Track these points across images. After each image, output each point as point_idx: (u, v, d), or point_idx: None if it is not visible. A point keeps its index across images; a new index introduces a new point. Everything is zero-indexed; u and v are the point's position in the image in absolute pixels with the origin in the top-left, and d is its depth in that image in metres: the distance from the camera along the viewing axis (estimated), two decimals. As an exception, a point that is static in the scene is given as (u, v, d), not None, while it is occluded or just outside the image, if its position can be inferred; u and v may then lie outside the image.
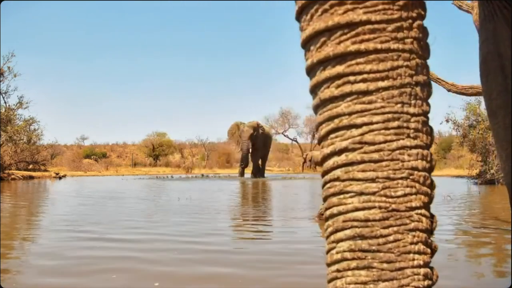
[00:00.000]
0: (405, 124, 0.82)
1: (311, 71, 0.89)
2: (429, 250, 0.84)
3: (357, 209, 0.82)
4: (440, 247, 3.83)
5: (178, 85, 67.04)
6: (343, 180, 0.84)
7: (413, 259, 0.82)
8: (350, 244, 0.82)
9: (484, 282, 2.82)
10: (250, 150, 21.21)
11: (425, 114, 0.86)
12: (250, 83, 67.61)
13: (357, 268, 0.81)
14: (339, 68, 0.83)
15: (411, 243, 0.82)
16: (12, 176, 18.92)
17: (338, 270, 0.84)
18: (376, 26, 0.81)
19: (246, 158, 21.34)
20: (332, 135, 0.86)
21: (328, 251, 0.88)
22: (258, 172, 22.36)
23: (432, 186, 0.86)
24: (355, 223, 0.81)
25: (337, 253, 0.85)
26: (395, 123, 0.82)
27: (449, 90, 6.52)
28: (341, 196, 0.84)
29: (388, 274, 0.80)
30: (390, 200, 0.81)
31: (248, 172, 22.64)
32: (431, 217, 0.86)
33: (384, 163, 0.81)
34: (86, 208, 7.34)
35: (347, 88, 0.82)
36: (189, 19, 69.71)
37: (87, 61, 64.17)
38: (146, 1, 62.04)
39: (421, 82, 0.84)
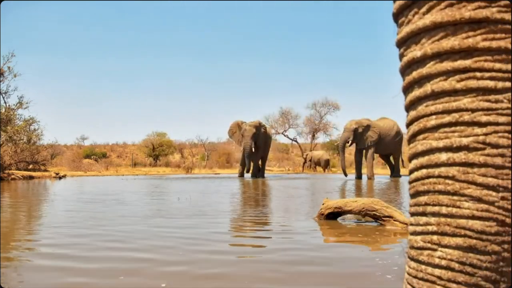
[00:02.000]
0: None
1: (419, 63, 0.83)
2: None
3: (474, 217, 0.74)
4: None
5: (178, 85, 67.05)
6: (460, 181, 0.75)
7: None
8: (461, 255, 0.74)
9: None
10: (253, 150, 21.14)
11: None
12: (250, 83, 67.59)
13: (464, 283, 0.74)
14: (465, 63, 0.77)
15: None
16: (12, 176, 18.91)
17: (439, 278, 0.76)
18: (508, 26, 0.76)
19: (248, 158, 21.23)
20: (447, 129, 0.78)
21: (423, 248, 0.80)
22: (258, 172, 22.33)
23: None
24: (470, 233, 0.73)
25: (440, 258, 0.77)
26: None
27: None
28: (455, 197, 0.76)
29: None
30: (507, 213, 0.73)
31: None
32: None
33: (505, 171, 0.73)
34: (87, 208, 7.34)
35: (473, 84, 0.77)
36: (189, 19, 69.74)
37: (87, 61, 64.20)
38: (146, 1, 62.04)
39: None
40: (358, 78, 66.76)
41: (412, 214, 0.84)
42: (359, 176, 19.71)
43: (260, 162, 22.62)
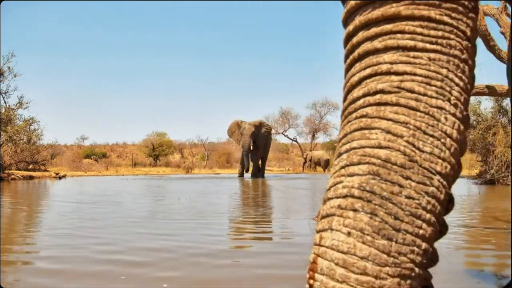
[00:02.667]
0: (447, 88, 0.77)
1: (352, 36, 0.86)
2: (438, 227, 0.77)
3: (380, 147, 0.74)
4: (440, 247, 3.83)
5: (178, 85, 67.07)
6: (372, 117, 0.77)
7: (420, 227, 0.73)
8: (362, 181, 0.73)
9: (484, 282, 2.82)
10: (251, 149, 21.11)
11: (468, 93, 0.81)
12: (250, 83, 67.63)
13: (361, 210, 0.72)
14: (387, 27, 0.80)
15: (424, 209, 0.74)
16: (12, 176, 18.91)
17: (339, 207, 0.75)
18: (432, 1, 0.79)
19: (246, 156, 21.20)
20: (368, 80, 0.81)
21: (333, 185, 0.79)
22: (258, 172, 22.30)
23: (459, 167, 0.78)
24: (374, 160, 0.73)
25: (343, 187, 0.75)
26: (438, 83, 0.77)
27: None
28: (366, 131, 0.76)
29: (390, 231, 0.71)
30: (416, 151, 0.73)
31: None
32: (450, 197, 0.78)
33: (419, 113, 0.75)
34: (88, 209, 7.34)
35: (392, 43, 0.79)
36: (189, 19, 69.77)
37: (87, 61, 64.21)
38: (146, 1, 62.08)
39: (469, 63, 0.81)
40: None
41: (334, 166, 0.85)
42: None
43: (260, 162, 22.59)
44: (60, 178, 20.85)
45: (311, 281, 0.79)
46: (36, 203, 8.57)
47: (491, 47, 5.42)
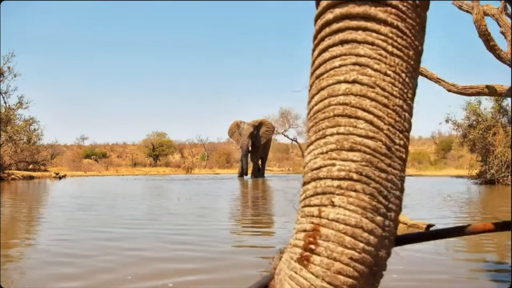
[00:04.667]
0: (405, 90, 0.88)
1: (332, 22, 0.95)
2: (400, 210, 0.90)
3: (368, 137, 0.84)
4: (440, 247, 3.82)
5: (178, 85, 67.10)
6: (355, 107, 0.86)
7: (399, 206, 0.88)
8: (358, 166, 0.83)
9: (484, 282, 2.82)
10: (250, 149, 21.11)
11: (414, 96, 0.91)
12: (250, 83, 67.63)
13: (361, 191, 0.83)
14: (366, 23, 0.90)
15: (401, 191, 0.88)
16: (12, 176, 18.92)
17: (339, 187, 0.84)
18: (401, 14, 0.89)
19: (245, 158, 21.21)
20: (349, 68, 0.89)
21: (323, 166, 0.87)
22: (258, 172, 22.30)
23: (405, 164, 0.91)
24: (365, 149, 0.84)
25: (339, 170, 0.84)
26: (400, 85, 0.88)
27: (449, 90, 6.52)
28: (352, 120, 0.85)
29: (383, 210, 0.85)
30: (392, 143, 0.86)
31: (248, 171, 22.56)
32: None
33: (389, 110, 0.86)
34: (87, 210, 7.34)
35: (371, 39, 0.89)
36: (189, 19, 69.76)
37: (87, 61, 64.17)
38: (146, 1, 62.06)
39: (417, 71, 0.92)
40: (358, 78, 66.70)
41: (312, 142, 0.92)
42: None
43: (260, 162, 22.59)
44: (60, 178, 20.85)
45: (313, 246, 0.87)
46: (38, 203, 8.57)
47: (491, 47, 5.42)
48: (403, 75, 0.88)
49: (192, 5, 68.25)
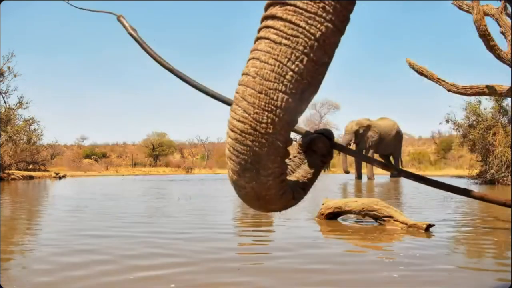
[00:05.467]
0: (283, 73, 1.08)
1: (262, 20, 1.17)
2: (280, 165, 1.18)
3: (239, 120, 1.10)
4: (440, 247, 3.82)
5: (178, 85, 67.02)
6: (239, 95, 1.11)
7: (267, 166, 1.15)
8: (232, 142, 1.12)
9: (484, 282, 2.82)
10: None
11: (303, 77, 1.10)
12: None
13: (234, 161, 1.14)
14: (270, 22, 1.11)
15: (262, 161, 1.14)
16: (12, 176, 18.92)
17: (228, 157, 1.16)
18: (299, 10, 1.08)
19: None
20: (250, 58, 1.14)
21: (227, 132, 1.16)
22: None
23: (292, 122, 1.14)
24: (237, 130, 1.11)
25: (226, 143, 1.16)
26: (278, 70, 1.07)
27: (449, 90, 6.52)
28: (235, 106, 1.12)
29: (248, 174, 1.15)
30: (258, 124, 1.09)
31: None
32: (288, 143, 1.17)
33: (262, 95, 1.07)
34: (87, 210, 7.34)
35: (266, 34, 1.11)
36: (189, 18, 69.74)
37: (87, 61, 64.17)
38: (146, 1, 62.03)
39: (310, 56, 1.08)
40: (358, 78, 66.77)
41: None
42: (359, 176, 19.71)
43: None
44: (60, 178, 20.85)
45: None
46: (38, 203, 8.58)
47: (491, 47, 5.42)
48: (285, 60, 1.07)
49: (193, 5, 68.20)
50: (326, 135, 1.33)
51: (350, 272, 3.03)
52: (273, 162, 1.15)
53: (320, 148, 1.33)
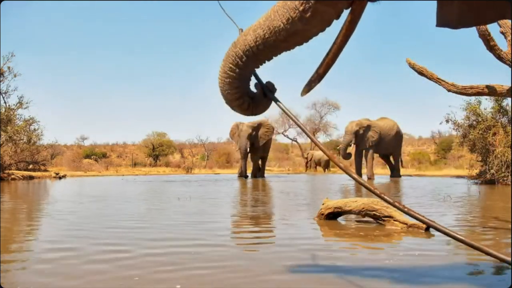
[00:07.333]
0: (253, 38, 1.97)
1: None
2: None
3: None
4: (440, 247, 3.82)
5: (178, 85, 67.09)
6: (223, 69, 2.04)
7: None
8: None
9: (484, 282, 2.82)
10: (248, 150, 21.13)
11: (267, 39, 1.95)
12: (251, 83, 67.48)
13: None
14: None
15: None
16: (12, 176, 18.91)
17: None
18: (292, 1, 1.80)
19: (244, 160, 21.26)
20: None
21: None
22: (258, 172, 22.32)
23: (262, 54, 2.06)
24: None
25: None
26: (253, 38, 1.97)
27: (449, 90, 6.52)
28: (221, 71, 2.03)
29: (231, 75, 2.09)
30: (222, 73, 2.05)
31: (247, 172, 22.56)
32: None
33: (231, 56, 1.99)
34: (90, 210, 7.34)
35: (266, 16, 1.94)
36: (189, 18, 69.72)
37: (87, 61, 64.17)
38: (146, 1, 61.99)
39: (281, 27, 1.86)
40: (358, 78, 66.72)
41: None
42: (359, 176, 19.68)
43: (260, 162, 22.62)
44: (60, 178, 20.85)
45: None
46: (38, 203, 8.58)
47: (491, 47, 5.42)
48: (261, 32, 1.90)
49: (192, 4, 68.17)
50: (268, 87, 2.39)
51: (349, 272, 3.02)
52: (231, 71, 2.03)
53: (270, 86, 2.40)
